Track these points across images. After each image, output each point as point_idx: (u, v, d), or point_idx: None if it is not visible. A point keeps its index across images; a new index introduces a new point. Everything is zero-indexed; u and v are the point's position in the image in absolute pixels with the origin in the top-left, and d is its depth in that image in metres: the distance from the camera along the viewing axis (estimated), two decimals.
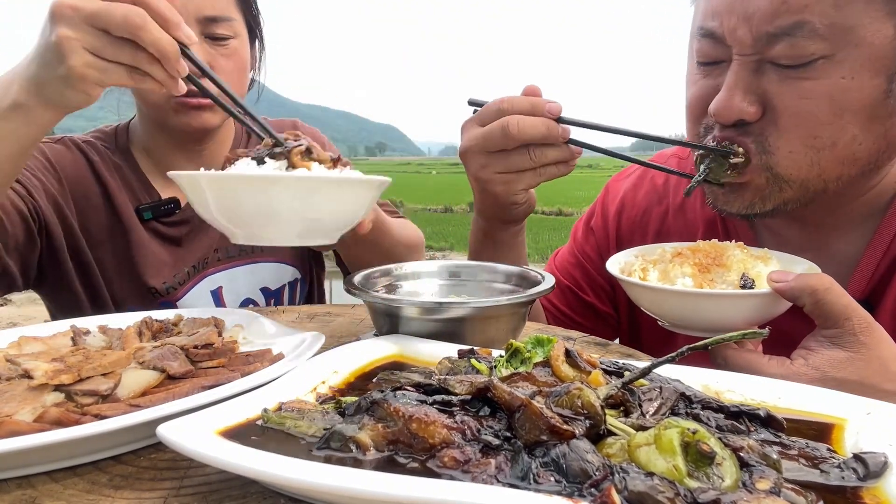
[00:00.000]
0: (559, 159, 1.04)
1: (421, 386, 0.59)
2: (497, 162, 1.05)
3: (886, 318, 0.99)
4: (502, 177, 1.06)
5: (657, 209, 1.29)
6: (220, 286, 1.48)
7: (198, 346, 0.79)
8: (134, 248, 1.39)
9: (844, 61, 0.86)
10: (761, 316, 0.86)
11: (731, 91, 0.92)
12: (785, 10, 0.86)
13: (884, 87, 0.88)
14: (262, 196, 0.76)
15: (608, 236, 1.34)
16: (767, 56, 0.90)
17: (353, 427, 0.53)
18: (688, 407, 0.58)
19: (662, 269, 0.92)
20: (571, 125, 1.03)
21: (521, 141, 1.01)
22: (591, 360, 0.64)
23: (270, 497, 0.53)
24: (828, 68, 0.87)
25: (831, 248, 1.07)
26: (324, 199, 0.80)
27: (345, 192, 0.82)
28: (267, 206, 0.77)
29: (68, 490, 0.56)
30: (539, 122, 1.00)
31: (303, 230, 0.82)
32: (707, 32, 0.96)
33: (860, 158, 0.92)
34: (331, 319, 1.16)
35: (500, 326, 0.87)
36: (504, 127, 1.01)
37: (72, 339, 0.83)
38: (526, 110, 1.01)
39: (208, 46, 1.31)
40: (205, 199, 0.79)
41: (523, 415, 0.50)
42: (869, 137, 0.91)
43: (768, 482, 0.45)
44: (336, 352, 0.77)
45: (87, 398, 0.66)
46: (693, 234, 1.21)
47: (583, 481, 0.45)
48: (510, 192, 1.08)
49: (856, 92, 0.87)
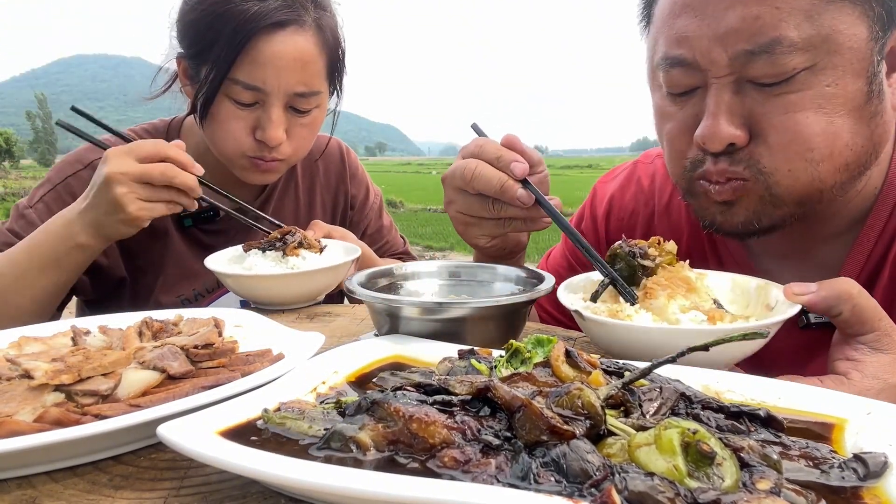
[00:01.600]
0: (521, 217, 0.99)
1: (421, 386, 0.59)
2: (460, 201, 1.03)
3: None
4: (462, 217, 1.04)
5: (644, 211, 1.28)
6: None
7: (198, 346, 0.79)
8: (169, 257, 1.45)
9: (826, 69, 0.85)
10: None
11: (715, 117, 0.89)
12: (759, 26, 0.84)
13: (865, 89, 0.87)
14: (266, 285, 1.21)
15: (598, 239, 1.33)
16: (746, 75, 0.87)
17: (353, 427, 0.53)
18: (688, 407, 0.58)
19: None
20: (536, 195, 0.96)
21: (476, 190, 0.98)
22: (591, 360, 0.64)
23: (270, 497, 0.53)
24: (810, 79, 0.85)
25: (815, 254, 1.06)
26: (305, 283, 1.22)
27: (320, 277, 1.23)
28: (270, 291, 1.23)
29: (68, 490, 0.56)
30: (495, 176, 0.95)
31: (294, 300, 1.26)
32: (676, 61, 0.92)
33: (851, 163, 0.91)
34: (331, 319, 1.16)
35: (500, 326, 0.87)
36: (463, 168, 0.98)
37: (72, 339, 0.83)
38: (491, 160, 0.97)
39: (290, 116, 1.35)
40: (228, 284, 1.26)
41: (523, 415, 0.50)
42: (858, 141, 0.89)
43: (769, 482, 0.45)
44: (336, 352, 0.77)
45: (87, 398, 0.66)
46: (679, 236, 1.20)
47: (583, 481, 0.45)
48: (469, 234, 1.06)
49: (841, 97, 0.86)
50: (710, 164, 0.93)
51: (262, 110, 1.31)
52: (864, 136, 0.90)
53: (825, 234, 1.03)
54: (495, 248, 1.10)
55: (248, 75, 1.27)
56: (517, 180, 0.96)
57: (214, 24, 1.25)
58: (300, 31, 1.29)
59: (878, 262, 0.99)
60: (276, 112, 1.31)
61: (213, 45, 1.26)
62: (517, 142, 1.01)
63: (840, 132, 0.87)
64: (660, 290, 0.85)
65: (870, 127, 0.90)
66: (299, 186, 1.65)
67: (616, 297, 0.90)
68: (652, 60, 1.00)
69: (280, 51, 1.26)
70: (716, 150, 0.91)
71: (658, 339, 0.76)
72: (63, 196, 1.39)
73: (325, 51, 1.34)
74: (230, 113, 1.31)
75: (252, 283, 1.21)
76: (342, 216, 1.71)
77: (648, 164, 1.33)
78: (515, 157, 0.97)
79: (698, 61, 0.90)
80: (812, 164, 0.88)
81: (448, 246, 14.41)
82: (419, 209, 24.76)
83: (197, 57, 1.31)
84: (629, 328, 0.79)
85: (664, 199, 1.26)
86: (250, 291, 1.24)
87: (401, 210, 24.77)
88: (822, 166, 0.89)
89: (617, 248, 0.93)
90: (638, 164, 1.35)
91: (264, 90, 1.28)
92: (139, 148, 1.18)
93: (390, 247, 1.79)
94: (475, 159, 0.98)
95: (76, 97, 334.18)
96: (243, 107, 1.30)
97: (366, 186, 1.76)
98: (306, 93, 1.32)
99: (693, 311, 0.84)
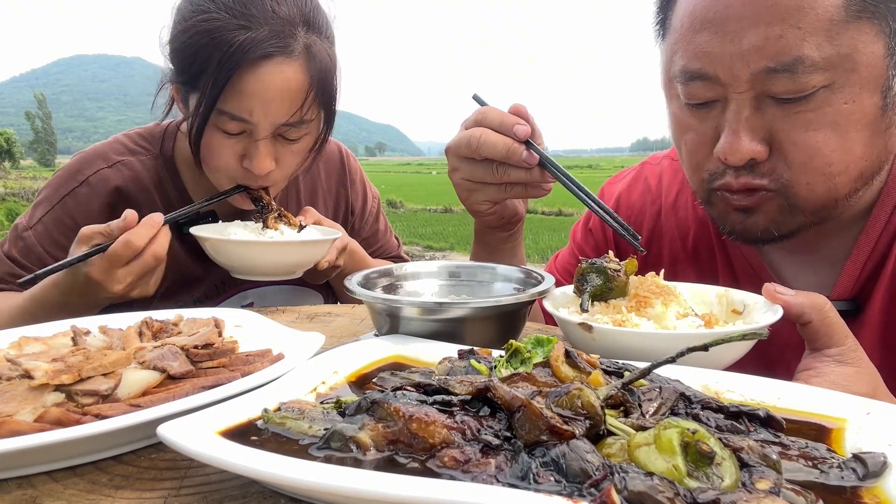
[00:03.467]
0: (524, 181, 1.05)
1: (421, 386, 0.59)
2: (464, 168, 1.08)
3: (875, 315, 1.00)
4: (466, 184, 1.10)
5: (651, 209, 1.30)
6: (251, 301, 1.56)
7: (198, 346, 0.79)
8: (169, 266, 1.42)
9: (844, 87, 0.86)
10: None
11: (736, 133, 0.91)
12: (782, 46, 0.85)
13: (880, 103, 0.89)
14: (241, 251, 1.26)
15: (605, 237, 1.36)
16: (766, 91, 0.89)
17: (353, 427, 0.53)
18: (687, 407, 0.58)
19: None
20: (539, 155, 1.03)
21: (482, 155, 1.03)
22: (590, 360, 0.64)
23: (271, 497, 0.53)
24: (829, 97, 0.87)
25: (821, 249, 1.08)
26: (280, 254, 1.28)
27: (295, 250, 1.29)
28: (245, 258, 1.28)
29: (69, 490, 0.56)
30: (500, 140, 1.01)
31: (269, 271, 1.30)
32: (696, 74, 0.93)
33: (866, 173, 0.94)
34: (331, 319, 1.16)
35: (499, 327, 0.87)
36: (469, 137, 1.03)
37: (72, 339, 0.83)
38: (495, 126, 1.03)
39: (279, 144, 1.31)
40: (209, 251, 1.30)
41: (523, 415, 0.50)
42: (873, 153, 0.92)
43: (768, 482, 0.45)
44: (336, 352, 0.77)
45: (87, 398, 0.66)
46: (685, 233, 1.23)
47: (582, 481, 0.45)
48: (472, 200, 1.11)
49: (858, 114, 0.88)
50: (730, 178, 0.95)
51: (249, 140, 1.29)
52: (879, 146, 0.92)
53: (831, 228, 1.05)
54: (495, 216, 1.15)
55: (235, 107, 1.23)
56: (520, 142, 1.01)
57: (200, 53, 1.21)
58: (288, 60, 1.23)
59: (883, 253, 1.01)
60: (264, 143, 1.28)
61: (201, 75, 1.23)
62: (524, 109, 1.05)
63: (855, 147, 0.90)
64: (653, 297, 0.86)
65: (884, 138, 0.92)
66: (301, 192, 1.64)
67: (608, 307, 0.89)
68: (668, 70, 1.01)
69: (267, 83, 1.22)
70: (737, 164, 0.93)
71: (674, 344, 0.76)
72: (62, 218, 1.38)
73: (316, 77, 1.28)
74: (218, 142, 1.28)
75: (228, 248, 1.25)
76: (343, 221, 1.70)
77: (655, 165, 1.36)
78: (517, 121, 1.02)
79: (719, 76, 0.91)
80: (829, 178, 0.91)
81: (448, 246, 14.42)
82: (419, 209, 24.77)
83: (187, 84, 1.29)
84: (643, 336, 0.78)
85: (671, 197, 1.28)
86: (227, 257, 1.28)
87: (401, 210, 24.79)
88: (839, 179, 0.92)
89: (583, 266, 0.92)
90: (645, 166, 1.38)
91: (251, 122, 1.25)
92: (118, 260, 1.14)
93: (384, 250, 1.79)
94: (479, 128, 1.03)
95: (76, 97, 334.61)
96: (231, 136, 1.28)
97: (364, 191, 1.76)
98: (294, 123, 1.28)
99: (690, 318, 0.85)
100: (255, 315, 0.97)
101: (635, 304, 0.86)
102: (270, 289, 1.57)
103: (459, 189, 1.12)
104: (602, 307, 0.90)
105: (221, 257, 1.28)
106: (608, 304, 0.90)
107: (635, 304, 0.86)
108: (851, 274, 1.03)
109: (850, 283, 1.03)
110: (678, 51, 0.96)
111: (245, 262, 1.28)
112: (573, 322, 0.83)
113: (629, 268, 0.92)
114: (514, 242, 1.25)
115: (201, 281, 1.48)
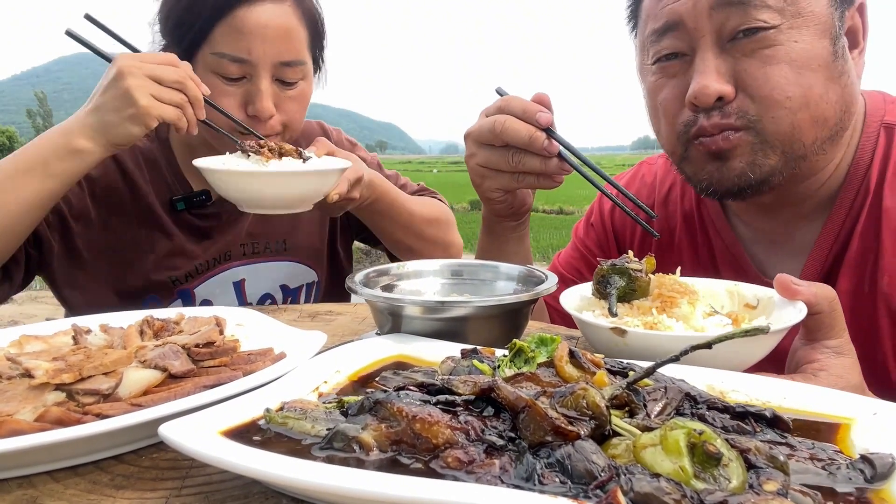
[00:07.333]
0: (538, 170, 1.07)
1: (424, 386, 0.58)
2: (481, 154, 1.12)
3: (843, 298, 1.01)
4: (481, 170, 1.13)
5: (646, 203, 1.32)
6: (242, 278, 1.56)
7: (199, 344, 0.78)
8: (158, 239, 1.45)
9: (792, 28, 0.97)
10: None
11: (703, 74, 0.99)
12: None
13: (830, 49, 0.98)
14: (244, 182, 1.20)
15: (605, 231, 1.42)
16: (725, 29, 0.98)
17: (356, 427, 0.53)
18: (693, 407, 0.58)
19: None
20: (561, 143, 1.06)
21: (503, 141, 1.06)
22: (595, 360, 0.64)
23: (273, 497, 0.53)
24: (779, 36, 0.97)
25: (794, 236, 1.14)
26: (285, 184, 1.21)
27: (300, 180, 1.22)
28: (248, 188, 1.22)
29: (69, 490, 0.55)
30: (523, 127, 1.04)
31: (281, 204, 1.24)
32: (665, 28, 1.03)
33: (829, 118, 1.00)
34: (332, 318, 1.16)
35: (502, 326, 0.87)
36: (493, 122, 1.06)
37: (73, 338, 0.83)
38: (517, 113, 1.06)
39: (278, 89, 1.36)
40: (216, 184, 1.23)
41: (527, 415, 0.50)
42: (832, 97, 0.99)
43: (775, 483, 0.45)
44: (338, 351, 0.76)
45: (88, 397, 0.66)
46: (672, 226, 1.29)
47: (588, 482, 0.44)
48: (485, 186, 1.15)
49: (808, 52, 0.97)
50: (703, 120, 1.02)
51: (250, 83, 1.33)
52: (836, 92, 1.00)
53: (802, 215, 1.12)
54: (505, 204, 1.18)
55: (233, 47, 1.28)
56: (542, 129, 1.04)
57: (195, 5, 1.28)
58: (279, 2, 1.32)
59: (846, 238, 1.06)
60: (265, 83, 1.32)
61: (195, 25, 1.29)
62: (547, 98, 1.09)
63: (813, 85, 0.98)
64: (678, 297, 0.85)
65: (839, 84, 1.00)
66: None
67: (632, 308, 0.88)
68: (642, 56, 1.10)
69: (263, 20, 1.29)
70: (707, 104, 1.00)
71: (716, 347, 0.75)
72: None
73: (306, 22, 1.36)
74: (219, 90, 1.32)
75: (231, 178, 1.20)
76: None
77: (652, 163, 1.43)
78: (539, 109, 1.05)
79: (685, 22, 1.00)
80: (791, 112, 0.98)
81: None
82: None
83: (181, 42, 1.33)
84: (677, 339, 0.76)
85: (663, 191, 1.35)
86: (229, 188, 1.23)
87: None
88: (801, 115, 0.98)
89: (604, 267, 0.90)
90: (643, 164, 1.45)
91: (250, 61, 1.30)
92: (150, 54, 1.20)
93: (407, 189, 1.73)
94: (503, 114, 1.07)
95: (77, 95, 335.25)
96: (231, 82, 1.32)
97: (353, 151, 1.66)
98: (292, 62, 1.34)
99: (717, 317, 0.84)
100: (257, 314, 0.96)
101: (661, 305, 0.85)
102: (263, 265, 1.57)
103: (474, 174, 1.16)
104: (626, 309, 0.87)
105: (224, 188, 1.23)
106: (632, 305, 0.88)
107: (661, 305, 0.85)
108: (819, 257, 1.08)
109: (817, 266, 1.08)
110: (648, 19, 1.07)
111: (247, 193, 1.23)
112: (604, 327, 0.80)
113: (648, 266, 0.91)
114: (522, 232, 1.28)
115: (196, 257, 1.49)
